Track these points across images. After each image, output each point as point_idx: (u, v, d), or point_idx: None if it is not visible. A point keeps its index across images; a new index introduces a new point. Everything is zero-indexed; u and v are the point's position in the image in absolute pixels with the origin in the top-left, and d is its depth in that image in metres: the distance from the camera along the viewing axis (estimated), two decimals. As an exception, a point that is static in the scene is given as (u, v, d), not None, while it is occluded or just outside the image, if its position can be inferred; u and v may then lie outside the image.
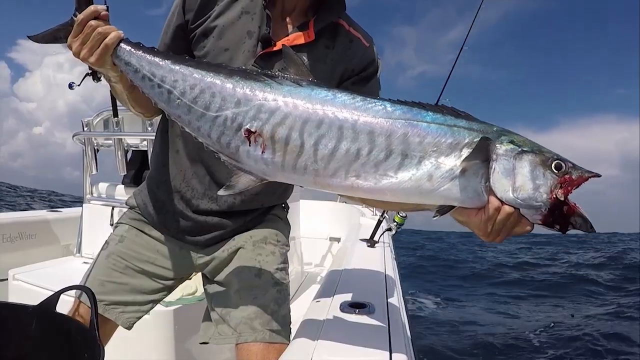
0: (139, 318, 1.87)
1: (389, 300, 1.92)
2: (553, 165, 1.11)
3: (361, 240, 3.55)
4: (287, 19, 1.72)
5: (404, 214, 3.73)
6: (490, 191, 1.11)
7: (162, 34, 1.78)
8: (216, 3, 1.69)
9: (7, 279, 3.32)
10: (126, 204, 2.05)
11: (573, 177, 1.10)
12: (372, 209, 5.68)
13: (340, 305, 1.75)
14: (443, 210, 1.19)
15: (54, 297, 1.59)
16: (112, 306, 1.78)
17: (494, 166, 1.11)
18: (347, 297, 1.86)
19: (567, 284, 14.52)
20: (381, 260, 2.90)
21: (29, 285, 3.15)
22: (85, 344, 1.43)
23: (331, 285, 2.10)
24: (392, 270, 2.66)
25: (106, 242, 1.94)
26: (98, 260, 1.89)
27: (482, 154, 1.12)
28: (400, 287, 2.46)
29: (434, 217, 1.21)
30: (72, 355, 1.48)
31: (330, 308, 1.74)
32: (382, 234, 3.57)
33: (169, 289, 1.95)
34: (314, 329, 1.51)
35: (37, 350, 1.52)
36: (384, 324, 1.60)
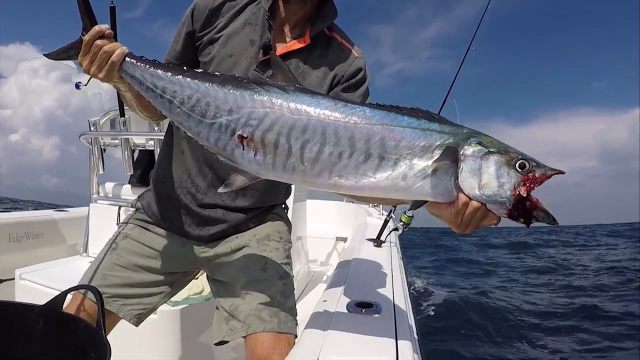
0: (143, 312, 1.92)
1: (395, 300, 1.92)
2: (517, 164, 1.21)
3: (368, 240, 3.54)
4: (286, 30, 1.87)
5: (410, 214, 3.73)
6: (459, 188, 1.22)
7: (173, 42, 1.91)
8: (222, 15, 1.84)
9: (13, 279, 3.32)
10: (131, 207, 2.15)
11: (536, 175, 1.20)
12: (378, 209, 5.68)
13: (347, 304, 1.75)
14: (417, 204, 1.32)
15: (61, 297, 1.59)
16: (113, 299, 1.84)
17: (462, 166, 1.22)
18: (354, 296, 1.86)
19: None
20: (388, 260, 2.89)
21: (35, 285, 3.16)
22: (91, 344, 1.43)
23: (338, 284, 2.10)
24: (398, 270, 2.65)
25: (110, 239, 2.02)
26: (101, 255, 1.95)
27: (451, 156, 1.22)
28: (407, 287, 2.45)
29: (409, 209, 1.33)
30: (79, 355, 1.47)
31: (338, 307, 1.73)
32: (389, 233, 3.56)
33: (171, 284, 2.01)
34: (321, 328, 1.51)
35: (44, 349, 1.52)
36: (390, 323, 1.60)
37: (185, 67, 1.51)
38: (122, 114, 3.88)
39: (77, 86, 4.04)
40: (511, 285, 12.76)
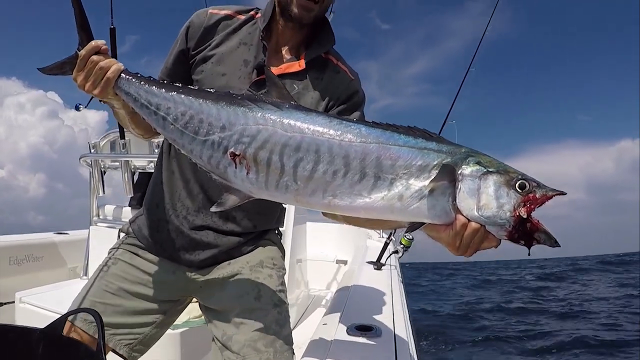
0: (133, 342, 1.83)
1: (395, 323, 1.91)
2: (517, 185, 1.17)
3: (368, 262, 3.54)
4: (282, 52, 1.85)
5: (410, 237, 3.73)
6: (457, 209, 1.18)
7: (166, 59, 1.89)
8: (217, 32, 1.82)
9: (13, 302, 3.30)
10: (121, 231, 2.11)
11: (537, 195, 1.16)
12: (378, 232, 5.67)
13: (347, 327, 1.75)
14: (414, 226, 1.27)
15: (61, 320, 1.59)
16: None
17: (459, 186, 1.18)
18: (354, 319, 1.86)
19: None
20: (388, 282, 2.89)
21: (35, 308, 3.13)
22: (91, 367, 1.43)
23: (338, 307, 2.10)
24: (398, 293, 2.64)
25: (100, 265, 1.96)
26: (90, 282, 1.90)
27: (448, 176, 1.18)
28: (407, 310, 2.44)
29: (406, 232, 1.29)
30: (79, 379, 1.47)
31: (338, 330, 1.73)
32: (389, 256, 3.56)
33: (163, 313, 1.92)
34: (322, 352, 1.51)
35: (44, 373, 1.51)
36: (390, 347, 1.60)
37: (179, 84, 1.48)
38: (123, 136, 3.88)
39: (77, 108, 4.08)
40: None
